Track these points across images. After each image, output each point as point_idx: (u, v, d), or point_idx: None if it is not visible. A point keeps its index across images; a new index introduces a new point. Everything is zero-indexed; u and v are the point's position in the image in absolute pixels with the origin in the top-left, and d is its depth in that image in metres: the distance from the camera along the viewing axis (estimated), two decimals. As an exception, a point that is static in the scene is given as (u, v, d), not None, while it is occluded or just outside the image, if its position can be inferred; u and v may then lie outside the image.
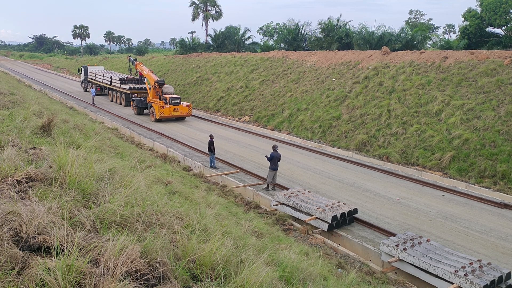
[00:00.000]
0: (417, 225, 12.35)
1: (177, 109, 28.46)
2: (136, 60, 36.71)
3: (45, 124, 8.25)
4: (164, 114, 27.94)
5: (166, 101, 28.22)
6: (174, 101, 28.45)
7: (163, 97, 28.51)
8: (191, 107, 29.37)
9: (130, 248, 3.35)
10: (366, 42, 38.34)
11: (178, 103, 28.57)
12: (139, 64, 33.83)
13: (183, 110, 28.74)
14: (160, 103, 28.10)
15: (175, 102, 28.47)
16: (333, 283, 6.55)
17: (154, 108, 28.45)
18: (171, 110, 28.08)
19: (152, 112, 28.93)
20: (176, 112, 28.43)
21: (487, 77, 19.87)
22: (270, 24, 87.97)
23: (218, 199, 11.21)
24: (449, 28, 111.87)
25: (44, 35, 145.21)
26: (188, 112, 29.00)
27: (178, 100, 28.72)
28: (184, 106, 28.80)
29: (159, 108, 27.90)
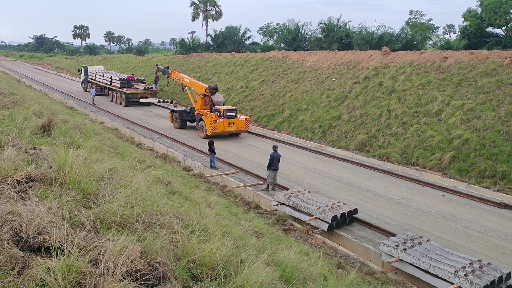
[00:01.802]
0: (417, 225, 12.35)
1: (233, 123, 23.06)
2: (168, 68, 30.76)
3: (45, 124, 8.25)
4: (217, 129, 22.58)
5: (220, 113, 22.89)
6: (229, 113, 23.05)
7: (216, 109, 23.38)
8: (248, 121, 23.88)
9: (130, 248, 3.35)
10: (366, 42, 38.33)
11: (234, 116, 23.19)
12: (175, 72, 29.00)
13: (239, 124, 23.35)
14: (213, 116, 22.77)
15: (230, 115, 23.08)
16: (333, 283, 6.55)
17: (205, 122, 23.22)
18: (225, 124, 22.75)
19: (201, 127, 23.77)
20: (231, 127, 23.11)
21: (487, 77, 19.87)
22: (270, 24, 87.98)
23: (218, 199, 11.21)
24: (449, 28, 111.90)
25: (44, 35, 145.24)
26: (245, 127, 23.57)
27: (234, 113, 23.32)
28: (240, 120, 23.36)
29: (211, 122, 22.59)
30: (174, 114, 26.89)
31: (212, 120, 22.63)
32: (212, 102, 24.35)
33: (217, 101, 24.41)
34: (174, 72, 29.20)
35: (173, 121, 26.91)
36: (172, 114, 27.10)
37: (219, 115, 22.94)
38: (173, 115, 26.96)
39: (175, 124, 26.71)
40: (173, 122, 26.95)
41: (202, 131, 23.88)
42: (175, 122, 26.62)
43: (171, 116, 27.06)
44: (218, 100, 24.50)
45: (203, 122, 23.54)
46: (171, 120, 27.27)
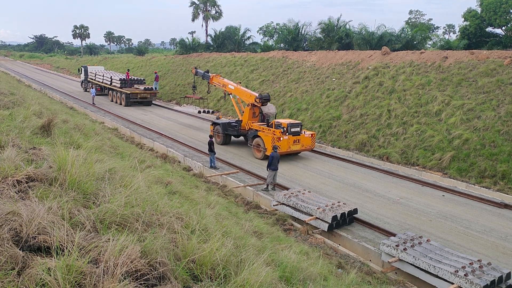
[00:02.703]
0: (417, 225, 12.35)
1: (298, 141, 18.82)
2: (209, 72, 26.32)
3: (45, 124, 8.26)
4: (281, 149, 18.12)
5: (284, 129, 18.58)
6: (294, 129, 18.77)
7: (278, 123, 18.99)
8: (314, 137, 19.83)
9: (130, 248, 3.35)
10: (366, 42, 38.33)
11: (299, 132, 18.97)
12: (217, 77, 24.86)
13: (305, 142, 19.16)
14: (275, 133, 18.52)
15: (295, 131, 18.81)
16: (333, 283, 6.55)
17: (263, 140, 19.00)
18: (290, 142, 18.53)
19: (257, 145, 19.64)
20: (296, 146, 18.90)
21: (487, 77, 19.87)
22: (270, 24, 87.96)
23: (218, 199, 11.21)
24: (449, 28, 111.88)
25: (44, 35, 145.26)
26: (311, 145, 19.47)
27: (299, 128, 19.09)
28: (306, 136, 19.25)
29: (275, 140, 18.28)
30: (216, 127, 22.49)
31: (275, 138, 18.30)
32: (262, 113, 20.68)
33: (268, 113, 20.47)
34: (215, 77, 24.78)
35: (214, 135, 22.18)
36: (214, 127, 22.65)
37: (283, 132, 18.48)
38: (215, 129, 22.58)
39: (217, 139, 22.14)
40: (214, 136, 22.05)
41: (258, 150, 19.55)
42: (217, 136, 22.34)
43: (213, 130, 22.66)
44: (269, 111, 20.54)
45: (260, 140, 19.21)
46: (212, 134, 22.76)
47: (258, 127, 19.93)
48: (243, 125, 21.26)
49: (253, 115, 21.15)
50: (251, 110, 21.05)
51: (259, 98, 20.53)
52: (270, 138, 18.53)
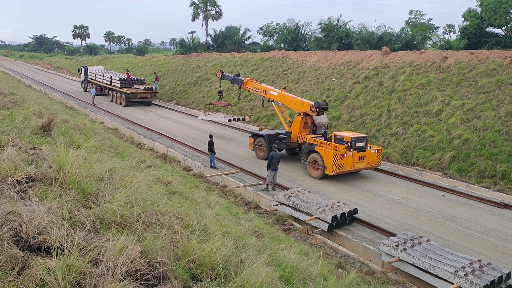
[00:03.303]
0: (417, 225, 12.35)
1: (363, 157, 16.30)
2: (239, 75, 23.37)
3: (45, 124, 8.26)
4: (345, 167, 15.87)
5: (349, 145, 16.04)
6: (359, 143, 16.30)
7: (340, 137, 16.34)
8: (381, 153, 17.21)
9: (130, 248, 3.35)
10: (366, 42, 38.33)
11: (364, 148, 16.45)
12: (252, 81, 21.65)
13: (371, 159, 16.60)
14: (338, 149, 15.90)
15: (360, 147, 16.33)
16: (333, 283, 6.55)
17: (322, 156, 16.19)
18: (354, 160, 16.04)
19: (313, 162, 16.76)
20: (361, 164, 16.35)
21: (487, 77, 19.87)
22: (270, 24, 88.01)
23: (218, 199, 11.21)
24: (449, 28, 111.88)
25: (44, 35, 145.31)
26: (377, 161, 16.89)
27: (365, 142, 16.55)
28: (372, 152, 16.64)
29: (336, 157, 15.67)
30: (259, 139, 19.40)
31: (338, 155, 15.66)
32: (314, 123, 18.16)
33: (320, 123, 18.04)
34: (250, 81, 21.59)
35: (255, 148, 19.65)
36: (255, 139, 19.67)
37: (348, 147, 15.94)
38: (256, 141, 19.54)
39: (259, 153, 19.47)
40: (255, 149, 19.67)
41: (315, 168, 16.69)
42: (259, 150, 19.39)
43: (253, 142, 19.74)
44: (321, 121, 18.06)
45: (318, 156, 16.41)
46: (252, 147, 19.91)
47: (314, 141, 17.14)
48: (293, 138, 18.46)
49: (304, 126, 18.43)
50: (302, 120, 18.26)
51: (315, 107, 17.63)
52: (331, 155, 15.69)
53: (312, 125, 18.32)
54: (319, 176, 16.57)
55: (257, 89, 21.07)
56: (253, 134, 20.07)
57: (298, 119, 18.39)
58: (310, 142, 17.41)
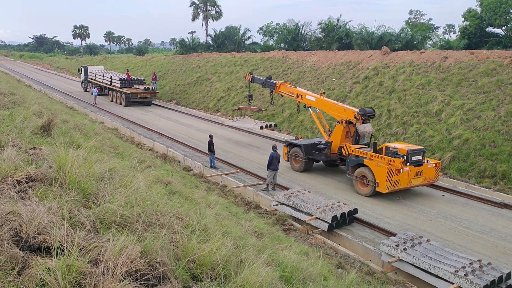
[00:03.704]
0: (417, 225, 12.35)
1: (420, 173, 14.41)
2: (271, 78, 21.51)
3: (45, 124, 8.26)
4: (401, 184, 13.98)
5: (406, 159, 14.08)
6: (415, 157, 14.35)
7: (394, 149, 14.43)
8: (439, 167, 15.30)
9: (130, 248, 3.36)
10: (366, 42, 38.33)
11: (421, 162, 14.53)
12: (286, 85, 19.88)
13: (428, 174, 14.69)
14: (392, 163, 14.00)
15: (417, 161, 14.39)
16: (333, 283, 6.55)
17: (373, 171, 14.36)
18: (411, 175, 14.12)
19: (361, 177, 14.90)
20: (418, 180, 14.44)
21: (487, 77, 19.88)
22: (270, 24, 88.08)
23: (218, 199, 11.22)
24: (449, 28, 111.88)
25: (44, 35, 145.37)
26: (434, 177, 14.96)
27: (421, 156, 14.61)
28: (430, 166, 14.74)
29: (391, 173, 13.78)
30: (294, 149, 17.66)
31: (394, 170, 13.77)
32: (357, 133, 16.36)
33: (363, 132, 16.13)
34: (284, 85, 19.85)
35: (290, 159, 17.89)
36: (290, 149, 17.95)
37: (405, 161, 14.02)
38: (292, 151, 17.78)
39: (294, 165, 17.74)
40: (290, 160, 17.92)
41: (363, 184, 14.83)
42: (295, 161, 17.70)
43: (288, 153, 18.04)
44: (365, 130, 16.09)
45: (368, 171, 14.56)
46: (287, 158, 18.11)
47: (362, 153, 15.22)
48: (334, 148, 16.49)
49: (346, 135, 16.49)
50: (344, 129, 16.33)
51: (361, 114, 15.65)
52: (385, 170, 13.80)
53: (355, 134, 16.41)
54: (368, 193, 14.61)
55: (291, 94, 19.26)
56: (288, 143, 18.12)
57: (340, 127, 16.32)
58: (357, 154, 15.38)
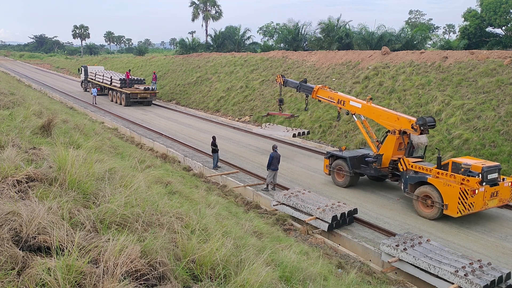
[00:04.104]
0: (417, 225, 12.35)
1: (496, 193, 12.58)
2: (306, 81, 19.19)
3: (45, 124, 8.26)
4: (475, 207, 12.10)
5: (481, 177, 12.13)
6: (491, 175, 12.44)
7: (467, 166, 12.31)
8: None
9: (130, 248, 3.36)
10: (366, 42, 38.34)
11: (497, 181, 12.61)
12: (324, 89, 17.59)
13: (504, 194, 12.86)
14: (465, 182, 12.06)
15: (492, 179, 12.47)
16: (333, 283, 6.55)
17: (440, 191, 12.42)
18: (486, 196, 12.27)
19: (423, 197, 12.92)
20: (493, 201, 12.61)
21: (487, 77, 19.87)
22: (270, 24, 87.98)
23: (218, 199, 11.21)
24: (449, 28, 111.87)
25: (44, 35, 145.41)
26: (509, 197, 13.10)
27: (497, 173, 12.72)
28: (506, 185, 12.82)
29: (467, 194, 11.84)
30: (337, 162, 15.72)
31: (469, 191, 11.81)
32: (411, 144, 14.70)
33: (418, 143, 14.79)
34: (323, 89, 17.61)
35: (332, 172, 15.97)
36: (331, 162, 16.02)
37: (482, 181, 12.09)
38: (334, 164, 15.88)
39: (337, 179, 15.83)
40: (332, 174, 16.00)
41: (426, 206, 12.88)
42: (338, 175, 15.77)
43: (329, 165, 16.05)
44: (420, 141, 14.81)
45: (433, 190, 12.59)
46: (328, 171, 16.22)
47: (424, 169, 13.26)
48: (385, 162, 14.60)
49: (399, 147, 14.60)
50: (398, 140, 14.40)
51: (420, 124, 13.63)
52: (457, 190, 11.88)
53: (408, 146, 14.60)
54: (433, 216, 12.61)
55: (332, 99, 17.03)
56: (330, 154, 16.13)
57: (393, 138, 14.39)
58: (417, 170, 13.46)
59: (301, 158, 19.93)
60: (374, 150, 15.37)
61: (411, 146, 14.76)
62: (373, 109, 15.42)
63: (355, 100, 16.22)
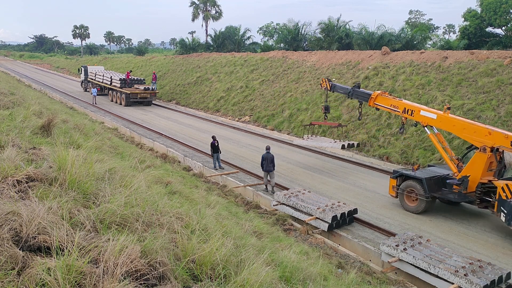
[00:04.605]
0: (417, 225, 12.35)
1: None
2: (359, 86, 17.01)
3: (45, 124, 8.26)
4: None
5: None
6: None
7: None
8: None
9: (130, 248, 3.35)
10: (366, 42, 38.33)
11: None
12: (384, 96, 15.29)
13: None
14: None
15: None
16: (333, 283, 6.55)
17: None
18: None
19: None
20: None
21: (487, 77, 19.87)
22: (270, 24, 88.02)
23: (218, 199, 11.21)
24: (449, 28, 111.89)
25: (44, 35, 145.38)
26: None
27: None
28: None
29: None
30: (409, 183, 13.39)
31: None
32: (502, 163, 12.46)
33: (510, 161, 12.63)
34: (383, 96, 15.31)
35: (401, 195, 13.55)
36: (400, 182, 13.63)
37: None
38: (404, 185, 13.45)
39: (407, 204, 13.42)
40: (400, 197, 13.59)
41: None
42: (409, 199, 13.44)
43: (397, 186, 13.65)
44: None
45: None
46: (394, 194, 13.81)
47: None
48: (472, 185, 12.37)
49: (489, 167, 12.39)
50: (489, 159, 12.22)
51: None
52: None
53: (500, 165, 12.47)
54: None
55: (395, 108, 14.61)
56: (399, 174, 13.62)
57: (482, 157, 12.18)
58: None
59: (301, 158, 19.86)
60: (454, 170, 13.10)
61: (503, 165, 12.47)
62: (454, 120, 13.05)
63: (428, 110, 13.92)
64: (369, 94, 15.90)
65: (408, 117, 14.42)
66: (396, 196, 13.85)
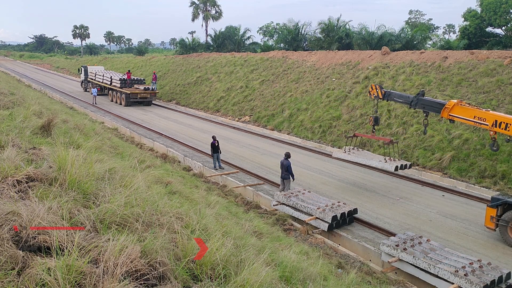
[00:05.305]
0: (417, 225, 12.35)
1: None
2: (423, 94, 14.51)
3: (45, 124, 8.26)
4: None
5: None
6: None
7: None
8: None
9: (130, 248, 3.35)
10: (366, 42, 38.34)
11: None
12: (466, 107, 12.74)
13: None
14: None
15: None
16: (333, 283, 6.55)
17: None
18: None
19: None
20: None
21: (487, 77, 19.87)
22: (270, 24, 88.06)
23: (218, 199, 11.21)
24: (449, 28, 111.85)
25: (44, 35, 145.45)
26: None
27: None
28: None
29: None
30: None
31: None
32: None
33: None
34: (460, 105, 12.81)
35: (503, 227, 11.15)
36: (502, 212, 11.25)
37: None
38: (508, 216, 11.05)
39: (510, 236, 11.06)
40: (502, 229, 11.19)
41: None
42: None
43: (498, 217, 11.21)
44: None
45: None
46: (493, 226, 11.31)
47: None
48: None
49: None
50: None
51: None
52: None
53: None
54: None
55: (482, 120, 12.07)
56: (501, 202, 11.13)
57: None
58: None
59: (301, 158, 19.83)
60: None
61: None
62: None
63: None
64: (441, 103, 13.31)
65: (501, 132, 11.83)
66: (494, 229, 11.39)
